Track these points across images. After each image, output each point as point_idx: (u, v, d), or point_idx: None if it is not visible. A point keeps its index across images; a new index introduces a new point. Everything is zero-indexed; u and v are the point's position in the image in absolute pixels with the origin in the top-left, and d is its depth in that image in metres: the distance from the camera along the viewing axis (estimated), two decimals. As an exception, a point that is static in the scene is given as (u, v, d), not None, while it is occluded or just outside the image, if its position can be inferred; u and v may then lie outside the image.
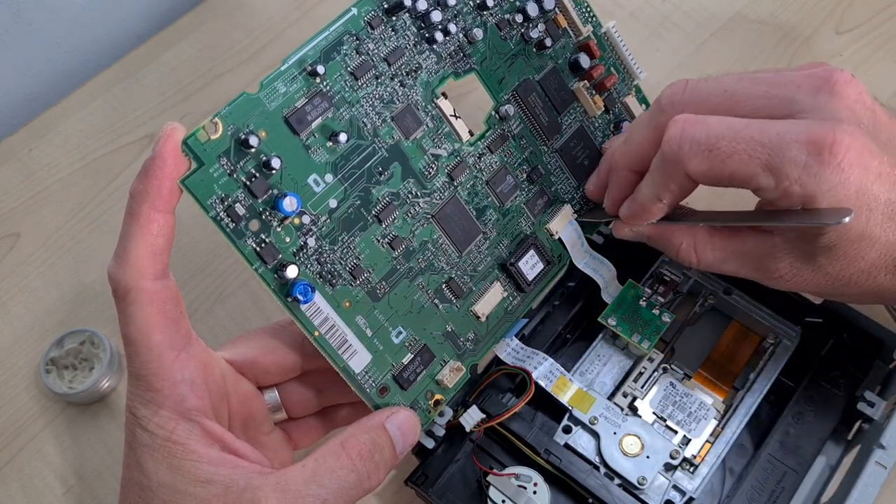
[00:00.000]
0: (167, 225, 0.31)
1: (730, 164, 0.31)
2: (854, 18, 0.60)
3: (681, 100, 0.34)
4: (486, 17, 0.38)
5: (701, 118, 0.32)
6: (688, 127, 0.32)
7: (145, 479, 0.31)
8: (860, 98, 0.32)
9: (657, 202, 0.35)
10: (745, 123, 0.31)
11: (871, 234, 0.31)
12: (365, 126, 0.35)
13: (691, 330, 0.43)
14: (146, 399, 0.31)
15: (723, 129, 0.32)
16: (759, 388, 0.40)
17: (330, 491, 0.31)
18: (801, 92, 0.32)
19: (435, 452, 0.39)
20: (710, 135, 0.32)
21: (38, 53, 0.61)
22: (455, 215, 0.38)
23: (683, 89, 0.34)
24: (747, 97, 0.33)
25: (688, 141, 0.32)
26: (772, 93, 0.32)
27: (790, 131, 0.30)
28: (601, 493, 0.37)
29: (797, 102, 0.32)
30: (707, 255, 0.36)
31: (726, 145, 0.31)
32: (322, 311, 0.34)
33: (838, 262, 0.32)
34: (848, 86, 0.32)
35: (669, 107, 0.34)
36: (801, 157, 0.30)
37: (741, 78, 0.33)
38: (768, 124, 0.31)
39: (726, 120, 0.32)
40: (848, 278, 0.33)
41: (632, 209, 0.36)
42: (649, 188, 0.35)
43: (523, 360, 0.40)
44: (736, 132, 0.31)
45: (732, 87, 0.33)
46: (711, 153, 0.31)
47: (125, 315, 0.31)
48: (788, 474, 0.38)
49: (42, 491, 0.46)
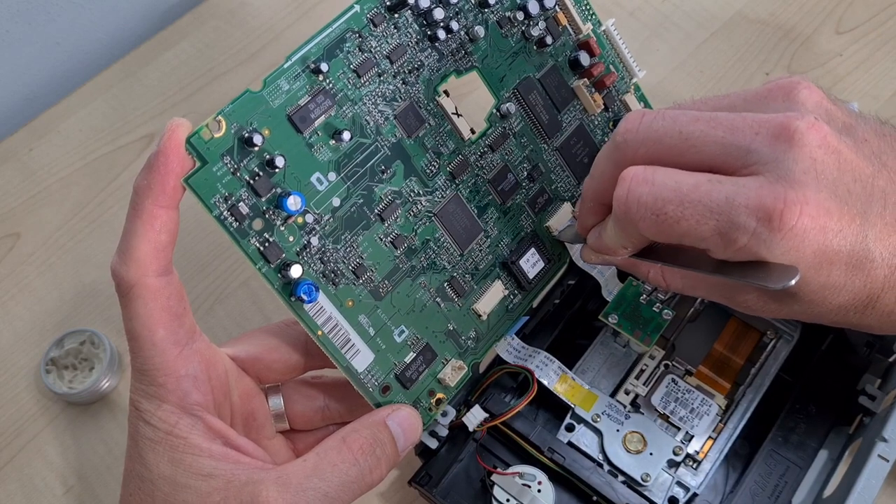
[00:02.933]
0: (171, 221, 0.31)
1: (678, 228, 0.30)
2: (854, 18, 0.60)
3: (634, 138, 0.32)
4: (487, 14, 0.38)
5: (649, 175, 0.31)
6: (633, 187, 0.31)
7: (146, 471, 0.31)
8: (824, 142, 0.29)
9: (622, 248, 0.34)
10: (694, 183, 0.30)
11: (834, 284, 0.30)
12: (367, 124, 0.35)
13: (692, 327, 0.43)
14: (149, 394, 0.31)
15: (669, 191, 0.30)
16: (760, 384, 0.40)
17: (331, 484, 0.31)
18: (758, 140, 0.30)
19: (438, 452, 0.39)
20: (656, 198, 0.30)
21: (38, 53, 0.61)
22: (457, 214, 0.38)
23: (638, 125, 0.32)
24: (702, 143, 0.31)
25: (634, 203, 0.31)
26: (728, 139, 0.30)
27: (738, 195, 0.29)
28: (605, 490, 0.37)
29: (753, 153, 0.29)
30: (676, 281, 0.36)
31: (673, 210, 0.30)
32: (325, 310, 0.34)
33: (804, 305, 0.31)
34: (809, 132, 0.29)
35: (623, 144, 0.33)
36: (751, 223, 0.28)
37: (699, 118, 0.31)
38: (717, 185, 0.29)
39: (674, 178, 0.30)
40: (817, 316, 0.32)
41: (599, 245, 0.35)
42: (612, 236, 0.34)
43: (525, 359, 0.40)
44: (683, 195, 0.30)
45: (688, 130, 0.31)
46: (659, 217, 0.30)
47: (129, 311, 0.31)
48: (791, 469, 0.38)
49: (42, 491, 0.46)
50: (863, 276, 0.30)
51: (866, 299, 0.31)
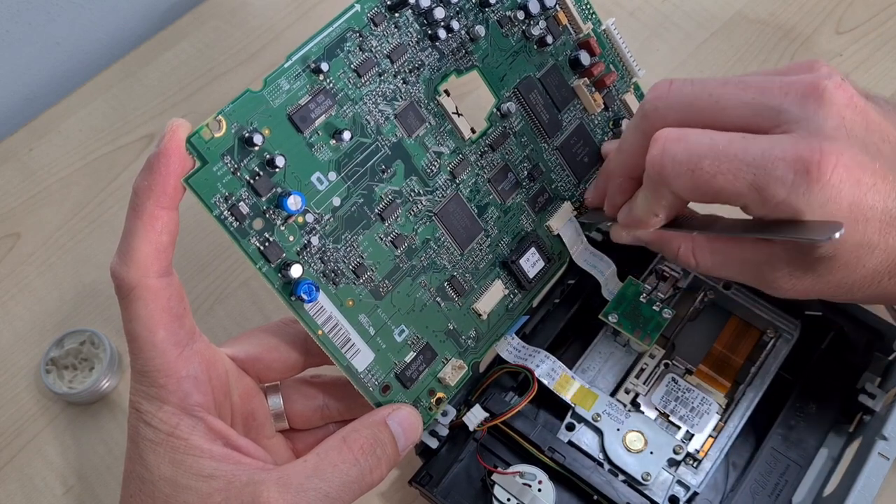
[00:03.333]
0: (171, 221, 0.31)
1: (714, 184, 0.30)
2: (854, 18, 0.60)
3: (664, 104, 0.33)
4: (487, 14, 0.38)
5: (682, 134, 0.31)
6: (668, 146, 0.31)
7: (147, 472, 0.31)
8: (851, 102, 0.30)
9: (653, 216, 0.34)
10: (729, 140, 0.30)
11: (869, 242, 0.30)
12: (368, 124, 0.35)
13: (692, 325, 0.43)
14: (150, 395, 0.31)
15: (705, 147, 0.30)
16: (760, 382, 0.40)
17: (332, 484, 0.31)
18: (788, 100, 0.30)
19: (439, 452, 0.39)
20: (691, 154, 0.30)
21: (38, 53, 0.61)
22: (457, 213, 0.38)
23: (667, 91, 0.33)
24: (733, 104, 0.31)
25: (669, 161, 0.31)
26: (758, 100, 0.31)
27: (775, 148, 0.29)
28: (606, 489, 0.37)
29: (784, 112, 0.30)
30: (706, 259, 0.35)
31: (709, 165, 0.30)
32: (325, 309, 0.34)
33: (839, 271, 0.31)
34: (837, 91, 0.30)
35: (653, 111, 0.33)
36: (788, 175, 0.29)
37: (727, 82, 0.32)
38: (753, 141, 0.30)
39: (708, 135, 0.31)
40: (850, 285, 0.32)
41: (630, 219, 0.36)
42: (644, 204, 0.34)
43: (525, 359, 0.40)
44: (719, 151, 0.30)
45: (718, 92, 0.32)
46: (694, 173, 0.30)
47: (129, 312, 0.31)
48: (791, 467, 0.38)
49: (42, 491, 0.46)
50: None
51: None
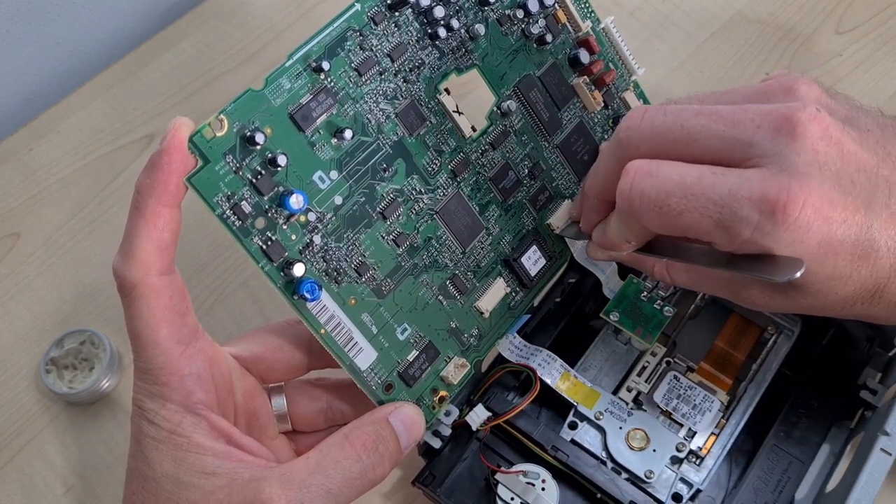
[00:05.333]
0: (173, 220, 0.31)
1: (681, 221, 0.30)
2: (854, 18, 0.60)
3: (637, 134, 0.32)
4: (487, 12, 0.38)
5: (653, 168, 0.31)
6: (637, 180, 0.31)
7: (149, 469, 0.31)
8: (825, 134, 0.29)
9: (626, 243, 0.34)
10: (698, 176, 0.30)
11: (840, 274, 0.30)
12: (369, 122, 0.35)
13: (692, 323, 0.43)
14: (153, 393, 0.31)
15: (673, 184, 0.30)
16: (761, 379, 0.41)
17: (335, 481, 0.31)
18: (759, 133, 0.30)
19: (441, 452, 0.39)
20: (659, 190, 0.30)
21: (38, 53, 0.61)
22: (458, 211, 0.38)
23: (640, 121, 0.32)
24: (704, 136, 0.31)
25: (637, 196, 0.31)
26: (730, 133, 0.30)
27: (742, 188, 0.29)
28: (609, 487, 0.37)
29: (755, 146, 0.30)
30: (681, 276, 0.36)
31: (676, 202, 0.30)
32: (328, 308, 0.34)
33: (810, 297, 0.31)
34: (811, 124, 0.29)
35: (626, 140, 0.33)
36: (754, 216, 0.28)
37: (700, 112, 0.31)
38: (721, 178, 0.29)
39: (677, 170, 0.30)
40: (821, 308, 0.32)
41: (604, 241, 0.36)
42: (616, 231, 0.34)
43: (527, 358, 0.40)
44: (686, 188, 0.30)
45: (689, 123, 0.31)
46: (662, 209, 0.30)
47: (131, 310, 0.31)
48: (794, 464, 0.38)
49: (42, 491, 0.46)
50: (868, 266, 0.30)
51: (873, 289, 0.31)
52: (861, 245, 0.30)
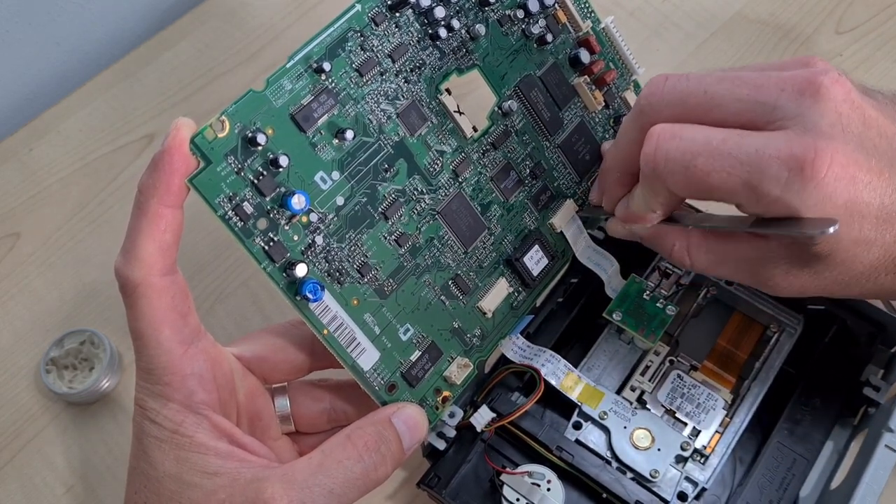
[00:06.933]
0: (176, 220, 0.31)
1: (709, 182, 0.30)
2: (854, 18, 0.60)
3: (659, 100, 0.32)
4: (487, 13, 0.38)
5: (677, 131, 0.31)
6: (662, 143, 0.31)
7: (151, 469, 0.31)
8: (848, 98, 0.30)
9: (651, 212, 0.34)
10: (723, 137, 0.30)
11: (865, 238, 0.30)
12: (370, 123, 0.35)
13: (695, 322, 0.43)
14: (155, 392, 0.31)
15: (699, 144, 0.30)
16: (764, 377, 0.41)
17: (337, 481, 0.31)
18: (783, 97, 0.30)
19: (446, 454, 0.39)
20: (685, 151, 0.30)
21: (38, 53, 0.61)
22: (460, 211, 0.38)
23: (662, 87, 0.32)
24: (728, 101, 0.31)
25: (663, 158, 0.31)
26: (753, 97, 0.30)
27: (769, 146, 0.29)
28: (615, 487, 0.37)
29: (779, 108, 0.30)
30: (700, 257, 0.35)
31: (703, 162, 0.30)
32: (331, 309, 0.34)
33: (836, 268, 0.31)
34: (834, 87, 0.30)
35: (648, 107, 0.33)
36: (782, 174, 0.29)
37: (723, 78, 0.31)
38: (747, 138, 0.30)
39: (703, 132, 0.30)
40: (847, 282, 0.32)
41: (627, 214, 0.36)
42: (641, 199, 0.34)
43: (530, 358, 0.40)
44: (713, 148, 0.30)
45: (713, 88, 0.31)
46: (689, 170, 0.30)
47: (134, 311, 0.31)
48: (798, 461, 0.39)
49: (42, 491, 0.46)
50: (893, 231, 0.30)
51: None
52: (885, 209, 0.30)
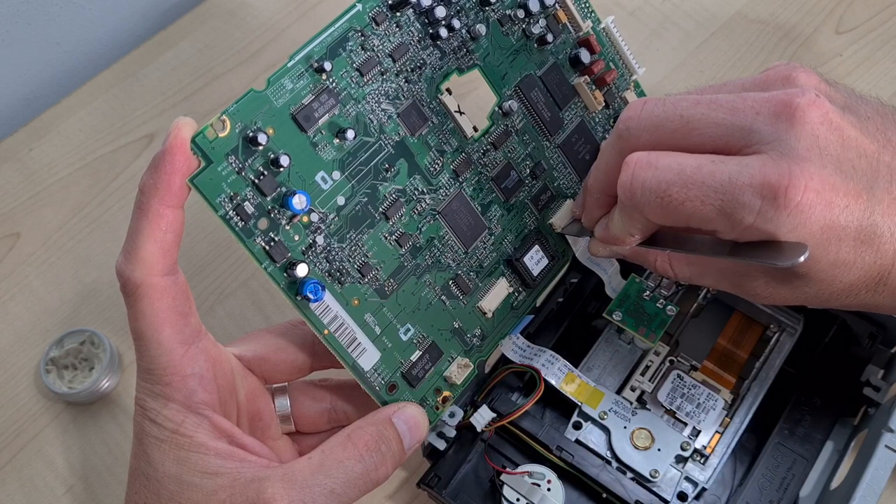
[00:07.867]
0: (177, 220, 0.31)
1: (684, 210, 0.30)
2: (854, 18, 0.60)
3: (637, 125, 0.32)
4: (488, 13, 0.38)
5: (653, 160, 0.31)
6: (638, 172, 0.31)
7: (151, 469, 0.31)
8: (825, 119, 0.29)
9: (629, 236, 0.34)
10: (697, 164, 0.30)
11: (843, 261, 0.30)
12: (371, 123, 0.35)
13: (695, 322, 0.43)
14: (155, 392, 0.31)
15: (673, 174, 0.30)
16: (764, 377, 0.41)
17: (337, 481, 0.31)
18: (759, 120, 0.30)
19: (446, 454, 0.39)
20: (660, 181, 0.30)
21: (38, 53, 0.61)
22: (461, 211, 0.38)
23: (639, 113, 0.32)
24: (704, 125, 0.31)
25: (638, 188, 0.31)
26: (729, 120, 0.30)
27: (742, 174, 0.29)
28: (615, 487, 0.37)
29: (755, 132, 0.29)
30: (683, 270, 0.36)
31: (678, 192, 0.30)
32: (331, 309, 0.34)
33: (815, 286, 0.31)
34: (810, 109, 0.29)
35: (626, 132, 0.33)
36: (755, 202, 0.28)
37: (699, 101, 0.31)
38: (720, 165, 0.29)
39: (677, 161, 0.30)
40: (826, 298, 0.32)
41: (607, 236, 0.36)
42: (619, 223, 0.34)
43: (530, 358, 0.40)
44: (686, 177, 0.30)
45: (689, 113, 0.31)
46: (663, 200, 0.30)
47: (135, 311, 0.31)
48: (798, 461, 0.39)
49: (42, 491, 0.46)
50: (872, 252, 0.30)
51: (877, 276, 0.31)
52: (864, 231, 0.29)
